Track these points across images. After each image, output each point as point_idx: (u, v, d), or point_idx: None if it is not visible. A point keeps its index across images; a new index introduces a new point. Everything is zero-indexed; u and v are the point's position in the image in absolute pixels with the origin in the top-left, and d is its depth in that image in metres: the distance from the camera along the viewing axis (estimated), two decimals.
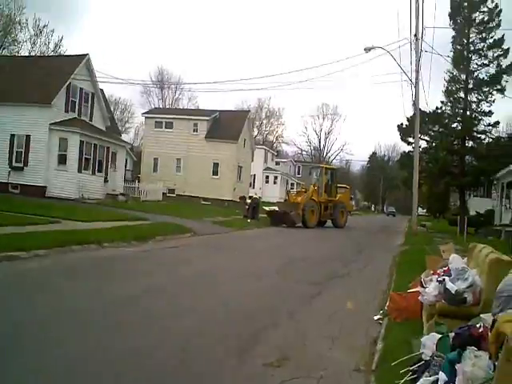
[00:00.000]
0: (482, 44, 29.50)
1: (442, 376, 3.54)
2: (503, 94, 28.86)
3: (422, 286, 6.82)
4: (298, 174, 73.01)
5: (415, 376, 4.00)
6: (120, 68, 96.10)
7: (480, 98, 29.89)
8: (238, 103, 76.91)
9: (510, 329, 2.76)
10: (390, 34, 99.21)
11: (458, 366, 3.52)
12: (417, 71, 22.92)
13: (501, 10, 28.81)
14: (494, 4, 28.90)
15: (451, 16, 28.92)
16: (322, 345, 5.89)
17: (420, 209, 69.66)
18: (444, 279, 4.71)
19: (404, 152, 35.89)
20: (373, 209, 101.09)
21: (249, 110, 53.05)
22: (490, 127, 30.12)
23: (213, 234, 18.31)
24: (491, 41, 29.13)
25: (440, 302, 4.75)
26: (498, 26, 28.84)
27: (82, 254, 10.96)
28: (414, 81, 22.94)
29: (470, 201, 34.48)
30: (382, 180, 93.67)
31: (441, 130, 30.56)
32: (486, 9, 29.24)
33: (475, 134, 29.85)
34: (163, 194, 34.78)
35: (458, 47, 29.88)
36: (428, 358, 4.04)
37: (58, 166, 25.87)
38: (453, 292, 4.56)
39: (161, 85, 70.54)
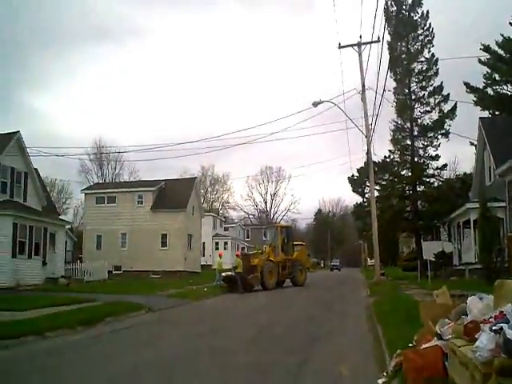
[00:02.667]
0: (423, 92, 30.62)
1: None
2: (447, 137, 29.90)
3: (441, 338, 5.85)
4: (247, 237, 72.07)
5: None
6: (54, 146, 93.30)
7: (426, 143, 30.66)
8: (181, 174, 75.98)
9: None
10: (332, 88, 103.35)
11: None
12: (366, 118, 23.25)
13: (437, 59, 30.27)
14: (430, 54, 30.43)
15: (391, 67, 29.90)
16: None
17: (369, 259, 70.19)
18: (502, 328, 3.76)
19: (357, 203, 36.22)
20: (322, 265, 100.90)
21: (195, 177, 52.16)
22: (439, 170, 30.97)
23: (169, 307, 16.64)
24: (431, 88, 30.30)
25: (498, 356, 3.76)
26: (437, 74, 30.17)
27: (17, 349, 9.18)
28: (364, 130, 23.20)
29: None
30: (329, 235, 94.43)
31: (391, 177, 30.94)
32: (423, 59, 30.62)
33: (425, 178, 30.39)
34: (109, 272, 32.47)
35: (401, 97, 30.85)
36: None
37: None
38: None
39: (99, 160, 68.74)
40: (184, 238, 37.13)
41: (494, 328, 3.88)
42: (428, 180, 30.73)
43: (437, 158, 30.48)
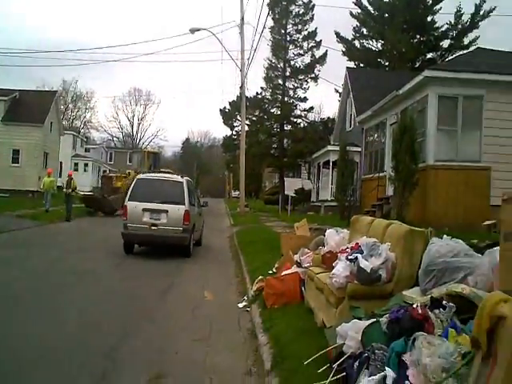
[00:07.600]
0: (298, 35, 31.39)
1: (390, 373, 2.87)
2: (316, 82, 31.38)
3: (300, 266, 6.30)
4: (111, 160, 69.01)
5: (343, 374, 3.28)
6: None
7: (296, 85, 31.79)
8: (39, 86, 68.27)
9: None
10: (214, 19, 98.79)
11: (406, 358, 2.90)
12: (242, 52, 22.94)
13: (314, 5, 31.12)
14: None
15: (270, 6, 29.23)
16: (196, 350, 4.88)
17: (233, 191, 72.60)
18: (357, 257, 4.12)
19: (226, 136, 36.48)
20: None
21: (56, 91, 47.24)
22: (306, 112, 32.48)
23: (21, 229, 15.41)
24: (306, 33, 31.22)
25: (352, 282, 4.14)
26: (312, 19, 31.12)
27: None
28: (239, 64, 22.91)
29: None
30: (196, 165, 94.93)
31: (261, 114, 31.70)
32: (301, 2, 31.14)
33: (292, 118, 31.72)
34: None
35: (277, 37, 31.19)
36: (353, 351, 3.37)
37: None
38: (368, 270, 4.00)
39: None
40: (40, 156, 34.08)
41: (349, 257, 4.27)
42: (295, 120, 32.19)
43: (305, 100, 31.93)
